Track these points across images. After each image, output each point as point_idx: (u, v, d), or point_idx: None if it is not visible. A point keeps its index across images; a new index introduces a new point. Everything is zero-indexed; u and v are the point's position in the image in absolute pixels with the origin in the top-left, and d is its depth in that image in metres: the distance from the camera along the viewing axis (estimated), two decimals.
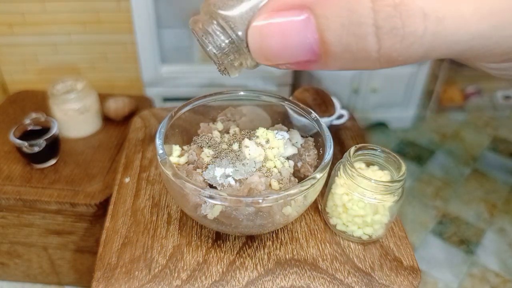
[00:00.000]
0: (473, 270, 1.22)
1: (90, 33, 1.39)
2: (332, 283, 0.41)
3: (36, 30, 1.35)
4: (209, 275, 0.42)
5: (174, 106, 0.46)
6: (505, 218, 1.40)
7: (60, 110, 0.90)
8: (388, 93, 1.70)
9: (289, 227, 0.47)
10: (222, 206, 0.37)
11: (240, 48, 0.21)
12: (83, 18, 1.35)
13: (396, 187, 0.41)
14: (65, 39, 1.39)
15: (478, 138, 1.81)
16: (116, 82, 1.52)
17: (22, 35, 1.36)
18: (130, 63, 1.47)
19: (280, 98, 0.48)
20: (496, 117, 1.95)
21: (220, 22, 0.21)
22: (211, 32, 0.21)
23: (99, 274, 0.41)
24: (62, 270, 0.99)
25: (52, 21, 1.35)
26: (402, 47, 0.16)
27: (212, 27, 0.21)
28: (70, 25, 1.36)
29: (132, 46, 1.41)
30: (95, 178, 0.85)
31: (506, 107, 1.96)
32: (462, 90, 1.96)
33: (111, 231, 0.46)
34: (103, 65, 1.47)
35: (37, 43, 1.39)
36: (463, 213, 1.41)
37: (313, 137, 0.46)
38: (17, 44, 1.38)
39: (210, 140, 0.44)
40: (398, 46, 0.16)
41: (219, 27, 0.21)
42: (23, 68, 1.44)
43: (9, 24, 1.33)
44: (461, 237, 1.32)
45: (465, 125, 1.89)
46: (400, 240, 0.46)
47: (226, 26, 0.21)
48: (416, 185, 1.53)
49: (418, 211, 1.41)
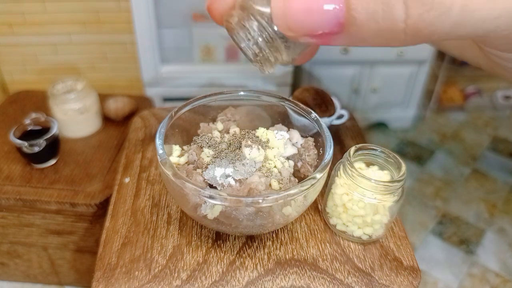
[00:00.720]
0: (473, 270, 1.22)
1: (90, 33, 1.39)
2: (332, 283, 0.41)
3: (36, 30, 1.35)
4: (209, 275, 0.42)
5: (174, 106, 0.46)
6: (505, 218, 1.40)
7: (60, 110, 0.90)
8: (388, 93, 1.70)
9: (289, 227, 0.47)
10: (222, 206, 0.37)
11: (276, 43, 0.22)
12: (83, 18, 1.35)
13: (396, 187, 0.41)
14: (65, 39, 1.39)
15: (478, 138, 1.81)
16: (116, 82, 1.52)
17: (22, 35, 1.36)
18: (130, 63, 1.47)
19: (280, 98, 0.48)
20: (496, 117, 1.95)
21: (257, 17, 0.21)
22: (248, 27, 0.22)
23: (99, 274, 0.41)
24: (62, 270, 0.99)
25: (52, 21, 1.35)
26: (430, 17, 0.16)
27: (249, 22, 0.22)
28: (70, 25, 1.36)
29: (132, 46, 1.41)
30: (95, 178, 0.85)
31: (506, 107, 1.96)
32: (462, 90, 1.96)
33: (111, 231, 0.46)
34: (103, 65, 1.47)
35: (37, 43, 1.39)
36: (463, 213, 1.41)
37: (313, 137, 0.46)
38: (17, 44, 1.38)
39: (210, 140, 0.44)
40: (425, 16, 0.16)
41: (256, 22, 0.22)
42: (23, 68, 1.44)
43: (9, 24, 1.33)
44: (461, 237, 1.32)
45: (465, 125, 1.89)
46: (400, 240, 0.46)
47: (263, 21, 0.21)
48: (416, 185, 1.53)
49: (418, 211, 1.41)
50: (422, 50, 1.57)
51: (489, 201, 1.46)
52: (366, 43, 0.18)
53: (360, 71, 1.62)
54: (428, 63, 1.62)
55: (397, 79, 1.66)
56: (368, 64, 1.60)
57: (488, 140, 1.80)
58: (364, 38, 0.18)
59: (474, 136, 1.82)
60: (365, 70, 1.62)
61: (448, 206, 1.44)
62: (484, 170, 1.62)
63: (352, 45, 0.19)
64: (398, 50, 1.55)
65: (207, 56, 1.47)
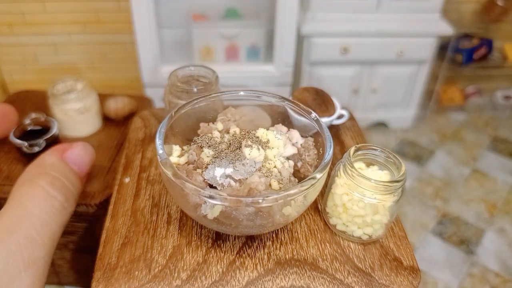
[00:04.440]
0: (473, 270, 1.22)
1: (90, 33, 1.39)
2: (332, 283, 0.41)
3: (36, 30, 1.36)
4: (209, 275, 0.42)
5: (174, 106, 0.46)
6: (505, 218, 1.40)
7: (60, 110, 0.90)
8: (388, 93, 1.70)
9: (289, 227, 0.47)
10: (222, 206, 0.37)
11: None
12: (83, 18, 1.35)
13: (396, 187, 0.41)
14: (65, 39, 1.39)
15: (478, 138, 1.81)
16: (116, 82, 1.52)
17: (22, 35, 1.36)
18: (130, 63, 1.47)
19: (280, 98, 0.48)
20: (496, 117, 1.95)
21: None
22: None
23: (99, 274, 0.41)
24: (62, 270, 0.99)
25: (52, 21, 1.35)
26: None
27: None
28: (70, 25, 1.36)
29: (132, 46, 1.41)
30: (95, 178, 0.85)
31: (506, 107, 1.96)
32: (462, 90, 1.96)
33: (111, 231, 0.46)
34: (103, 65, 1.48)
35: (37, 43, 1.39)
36: (463, 213, 1.41)
37: (313, 137, 0.46)
38: (17, 44, 1.38)
39: (210, 140, 0.44)
40: None
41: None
42: (23, 68, 1.45)
43: (9, 24, 1.34)
44: (461, 237, 1.32)
45: (465, 125, 1.89)
46: (400, 240, 0.46)
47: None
48: (416, 185, 1.53)
49: (418, 211, 1.41)
50: (422, 50, 1.57)
51: (489, 201, 1.46)
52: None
53: (360, 71, 1.62)
54: (428, 63, 1.62)
55: (397, 79, 1.66)
56: (368, 64, 1.60)
57: (488, 140, 1.80)
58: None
59: (474, 136, 1.82)
60: (365, 70, 1.62)
61: (448, 206, 1.44)
62: (484, 170, 1.62)
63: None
64: (398, 50, 1.55)
65: (207, 56, 1.47)
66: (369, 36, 1.52)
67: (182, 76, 0.59)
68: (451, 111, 1.96)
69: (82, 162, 0.31)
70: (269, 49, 1.50)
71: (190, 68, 0.60)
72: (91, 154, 0.31)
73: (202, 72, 0.60)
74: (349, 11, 1.52)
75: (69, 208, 0.29)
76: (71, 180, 0.29)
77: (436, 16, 1.56)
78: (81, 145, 0.31)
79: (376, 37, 1.52)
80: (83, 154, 0.31)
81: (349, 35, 1.51)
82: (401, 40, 1.54)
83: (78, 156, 0.30)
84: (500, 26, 1.80)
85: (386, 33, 1.51)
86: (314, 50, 1.51)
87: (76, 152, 0.30)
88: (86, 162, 0.31)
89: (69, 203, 0.29)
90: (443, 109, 1.95)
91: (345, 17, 1.52)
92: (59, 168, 0.28)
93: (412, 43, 1.55)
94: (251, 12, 1.51)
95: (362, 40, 1.53)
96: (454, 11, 1.67)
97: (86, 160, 0.31)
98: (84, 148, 0.31)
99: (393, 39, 1.54)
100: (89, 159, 0.31)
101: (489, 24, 1.79)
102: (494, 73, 1.91)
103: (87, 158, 0.31)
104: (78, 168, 0.30)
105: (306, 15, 1.51)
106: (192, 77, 0.59)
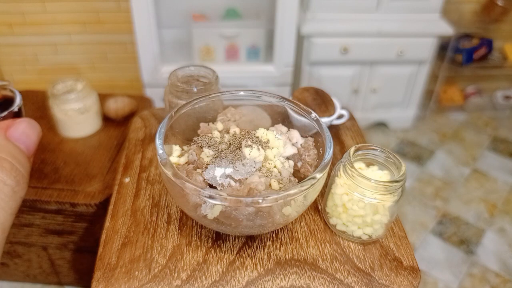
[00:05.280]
0: (473, 270, 1.22)
1: (90, 33, 1.39)
2: (332, 283, 0.41)
3: (36, 30, 1.36)
4: (209, 275, 0.42)
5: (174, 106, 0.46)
6: (505, 218, 1.40)
7: (60, 110, 0.90)
8: (388, 93, 1.70)
9: (289, 227, 0.47)
10: (222, 206, 0.37)
11: None
12: (83, 18, 1.35)
13: (396, 187, 0.41)
14: (65, 39, 1.39)
15: (478, 138, 1.81)
16: (116, 82, 1.52)
17: (22, 35, 1.36)
18: (130, 63, 1.47)
19: (280, 98, 0.48)
20: (496, 117, 1.95)
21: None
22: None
23: (99, 274, 0.41)
24: (62, 270, 0.99)
25: (52, 21, 1.35)
26: None
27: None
28: (70, 25, 1.36)
29: (132, 46, 1.41)
30: (95, 178, 0.85)
31: (506, 107, 1.96)
32: (462, 90, 1.96)
33: (111, 231, 0.46)
34: (103, 65, 1.48)
35: (37, 43, 1.39)
36: (463, 213, 1.41)
37: (313, 137, 0.46)
38: (17, 44, 1.38)
39: (210, 140, 0.44)
40: None
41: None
42: (23, 68, 1.45)
43: (9, 24, 1.34)
44: (461, 237, 1.32)
45: (465, 125, 1.89)
46: (400, 240, 0.46)
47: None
48: (416, 185, 1.53)
49: (418, 211, 1.41)
50: (422, 50, 1.57)
51: (489, 201, 1.46)
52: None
53: (360, 71, 1.62)
54: (428, 63, 1.62)
55: (397, 79, 1.66)
56: (368, 64, 1.60)
57: (488, 140, 1.80)
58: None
59: (474, 136, 1.82)
60: (365, 70, 1.62)
61: (448, 206, 1.44)
62: (484, 170, 1.62)
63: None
64: (398, 50, 1.55)
65: (207, 56, 1.47)
66: (369, 36, 1.52)
67: (182, 76, 0.59)
68: (451, 111, 1.96)
69: (29, 140, 0.27)
70: (269, 49, 1.50)
71: (190, 68, 0.60)
72: (37, 131, 0.27)
73: (202, 72, 0.60)
74: (349, 11, 1.52)
75: (20, 192, 0.25)
76: (20, 161, 0.25)
77: (436, 16, 1.56)
78: (26, 121, 0.27)
79: (376, 37, 1.52)
80: (29, 131, 0.27)
81: (349, 35, 1.51)
82: (401, 40, 1.54)
83: (24, 134, 0.26)
84: (500, 26, 1.80)
85: (386, 33, 1.51)
86: (314, 50, 1.51)
87: (20, 130, 0.26)
88: (33, 140, 0.27)
89: (20, 187, 0.25)
90: (443, 109, 1.95)
91: (345, 17, 1.52)
92: (5, 147, 0.25)
93: (412, 43, 1.55)
94: (251, 12, 1.51)
95: (362, 40, 1.53)
96: (454, 11, 1.67)
97: (33, 138, 0.27)
98: (30, 125, 0.27)
99: (393, 39, 1.54)
100: (36, 137, 0.27)
101: (489, 24, 1.79)
102: (494, 73, 1.91)
103: (34, 136, 0.27)
104: (25, 147, 0.26)
105: (306, 15, 1.51)
106: (192, 77, 0.59)
